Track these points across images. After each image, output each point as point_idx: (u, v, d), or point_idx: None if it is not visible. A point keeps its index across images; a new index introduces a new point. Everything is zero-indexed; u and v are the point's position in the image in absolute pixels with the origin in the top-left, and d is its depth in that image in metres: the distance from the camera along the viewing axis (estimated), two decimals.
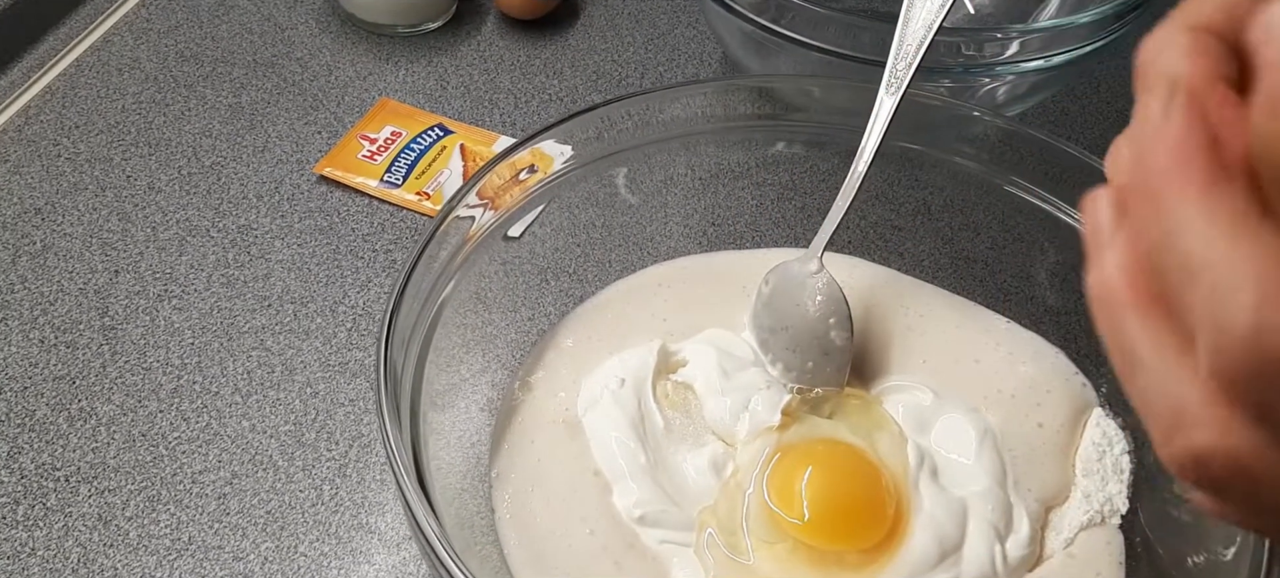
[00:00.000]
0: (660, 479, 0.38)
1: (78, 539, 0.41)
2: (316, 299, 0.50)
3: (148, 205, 0.53)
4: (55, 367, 0.46)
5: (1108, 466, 0.39)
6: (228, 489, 0.42)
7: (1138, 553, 0.37)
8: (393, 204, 0.54)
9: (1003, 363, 0.42)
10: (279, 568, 0.40)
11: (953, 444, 0.39)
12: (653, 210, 0.48)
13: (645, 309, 0.44)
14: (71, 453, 0.43)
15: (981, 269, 0.48)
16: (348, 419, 0.45)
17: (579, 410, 0.40)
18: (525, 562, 0.37)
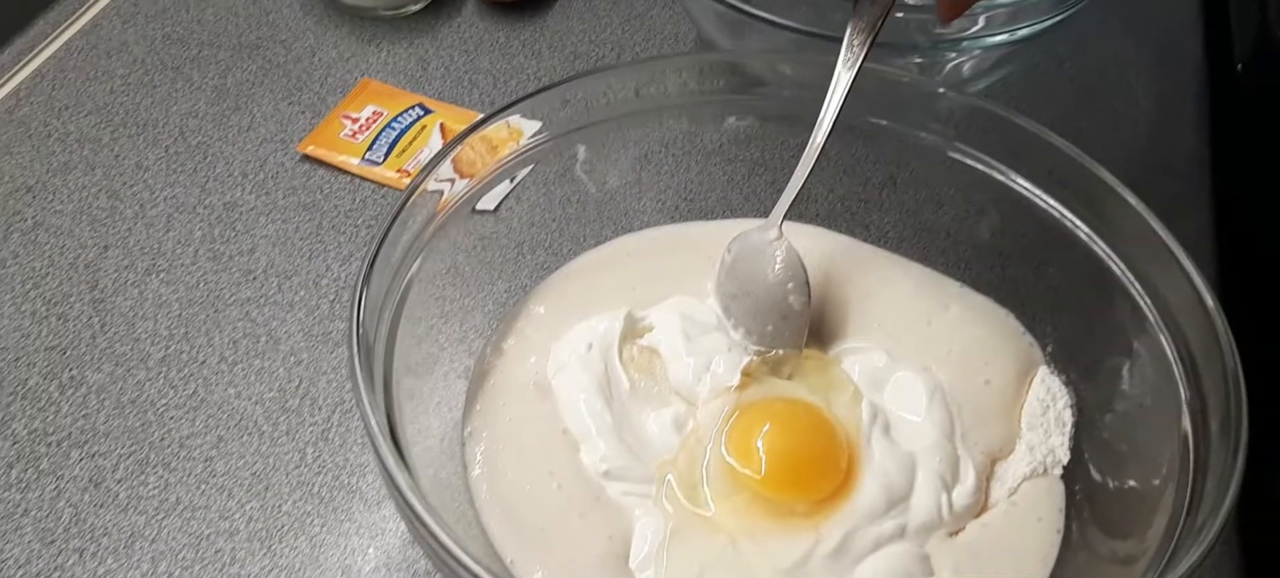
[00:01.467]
0: (624, 437, 0.39)
1: (69, 501, 0.42)
2: (300, 273, 0.51)
3: (136, 184, 0.55)
4: (47, 338, 0.48)
5: (1051, 419, 0.41)
6: (215, 453, 0.44)
7: (1077, 500, 0.39)
8: (374, 182, 0.56)
9: (953, 325, 0.44)
10: (263, 526, 0.42)
11: (904, 402, 0.41)
12: (623, 184, 0.50)
13: (614, 278, 0.46)
14: (63, 419, 0.45)
15: (944, 240, 0.50)
16: (330, 387, 0.47)
17: (549, 373, 0.42)
18: (497, 516, 0.38)
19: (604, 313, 0.43)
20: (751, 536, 0.37)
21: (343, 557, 0.41)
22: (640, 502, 0.38)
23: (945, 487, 0.38)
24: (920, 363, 0.42)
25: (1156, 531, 0.34)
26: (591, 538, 0.37)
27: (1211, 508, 0.32)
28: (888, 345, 0.43)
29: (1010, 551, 0.38)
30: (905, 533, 0.37)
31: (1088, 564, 0.37)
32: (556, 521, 0.38)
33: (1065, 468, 0.40)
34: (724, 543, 0.37)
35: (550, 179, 0.48)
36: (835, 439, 0.39)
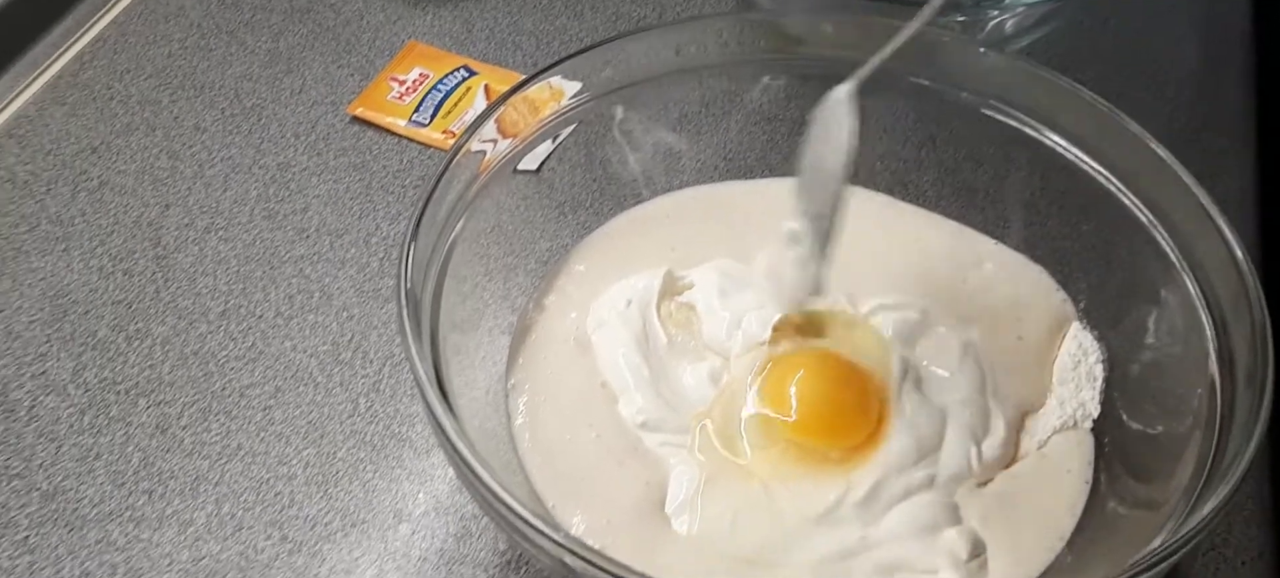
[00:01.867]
0: (661, 390, 0.41)
1: (138, 445, 0.45)
2: (351, 231, 0.53)
3: (194, 144, 0.57)
4: (113, 292, 0.50)
5: (1082, 374, 0.42)
6: (272, 402, 0.46)
7: (1106, 452, 0.40)
8: (420, 143, 0.57)
9: (988, 282, 0.45)
10: (319, 471, 0.44)
11: (937, 357, 0.42)
12: (663, 143, 0.51)
13: (653, 237, 0.47)
14: (130, 369, 0.47)
15: (981, 198, 0.50)
16: (381, 340, 0.49)
17: (589, 329, 0.43)
18: (539, 464, 0.40)
19: (643, 271, 0.45)
20: (783, 483, 0.38)
21: (394, 501, 0.43)
22: (676, 452, 0.39)
23: (975, 439, 0.39)
24: (954, 319, 0.43)
25: (1182, 478, 0.35)
26: (629, 485, 0.39)
27: (1236, 454, 0.33)
28: (922, 303, 0.44)
29: (1038, 501, 0.39)
30: (934, 483, 0.38)
31: (1115, 512, 0.38)
32: (595, 468, 0.40)
33: (1095, 421, 0.41)
34: (757, 490, 0.38)
35: (591, 139, 0.49)
36: (866, 388, 0.40)
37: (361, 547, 0.42)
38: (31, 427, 0.45)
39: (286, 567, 0.41)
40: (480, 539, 0.42)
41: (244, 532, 0.42)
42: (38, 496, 0.43)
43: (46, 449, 0.44)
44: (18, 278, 0.50)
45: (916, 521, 0.37)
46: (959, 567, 0.36)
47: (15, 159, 0.56)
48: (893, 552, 0.37)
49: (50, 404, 0.46)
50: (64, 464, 0.44)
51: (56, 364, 0.47)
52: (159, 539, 0.42)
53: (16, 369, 0.47)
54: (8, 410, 0.46)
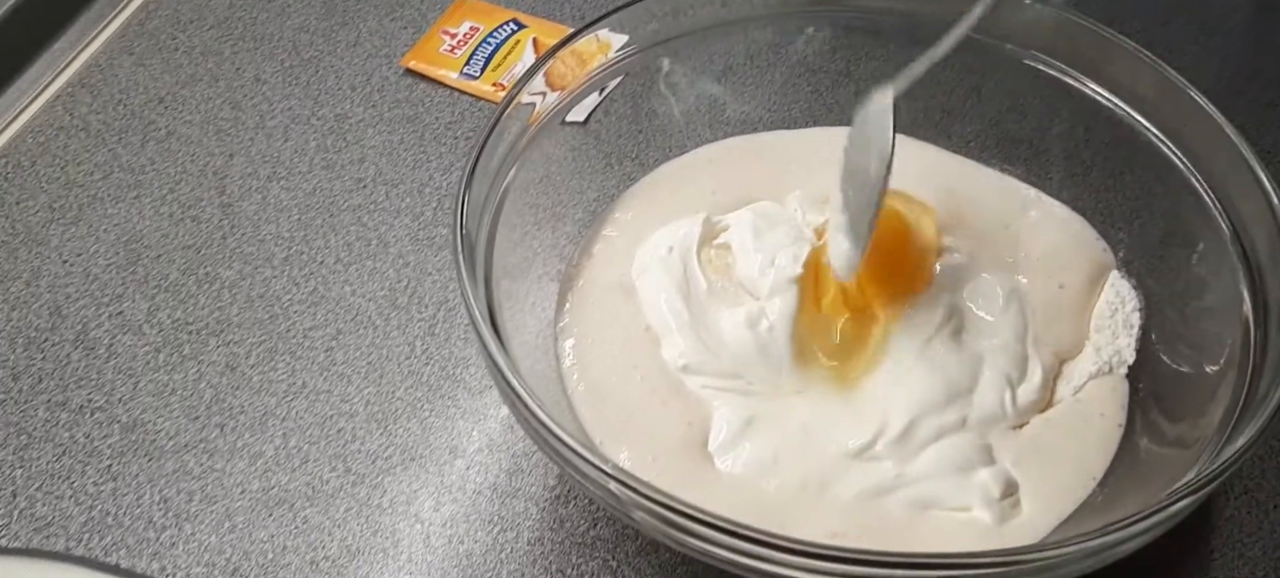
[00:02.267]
0: (701, 334, 0.42)
1: (209, 382, 0.47)
2: (405, 181, 0.55)
3: (255, 96, 0.59)
4: (183, 237, 0.53)
5: (1119, 322, 0.43)
6: (334, 344, 0.49)
7: (1141, 396, 0.41)
8: (471, 95, 0.59)
9: (1031, 230, 0.46)
10: (379, 409, 0.47)
11: (982, 301, 0.43)
12: (708, 95, 0.52)
13: (696, 184, 0.48)
14: (201, 310, 0.50)
15: (1025, 149, 0.50)
16: (435, 287, 0.51)
17: (633, 275, 0.45)
18: (587, 403, 0.42)
19: (685, 218, 0.46)
20: (822, 422, 0.40)
21: (450, 439, 0.46)
22: (717, 395, 0.41)
23: (1011, 384, 0.40)
24: (1000, 266, 0.44)
25: (1214, 417, 0.36)
26: (672, 424, 0.41)
27: (1267, 393, 0.34)
28: (969, 246, 0.45)
29: (1072, 444, 0.40)
30: (966, 424, 0.40)
31: (1147, 452, 0.39)
32: (640, 408, 0.41)
33: (1130, 368, 0.42)
34: (796, 429, 0.40)
35: (637, 91, 0.50)
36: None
37: (419, 480, 0.44)
38: (111, 364, 0.48)
39: (350, 497, 0.44)
40: (531, 475, 0.44)
41: (310, 464, 0.45)
42: (118, 427, 0.46)
43: (125, 385, 0.47)
44: (93, 224, 0.53)
45: (950, 460, 0.38)
46: (991, 505, 0.38)
47: (88, 108, 0.58)
48: (927, 489, 0.38)
49: (127, 343, 0.49)
50: (142, 399, 0.47)
51: (132, 305, 0.50)
52: (231, 469, 0.45)
53: (96, 310, 0.50)
54: (88, 348, 0.48)
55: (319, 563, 0.42)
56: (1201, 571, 0.41)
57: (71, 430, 0.46)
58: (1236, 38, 0.61)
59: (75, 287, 0.51)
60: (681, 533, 0.33)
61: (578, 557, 0.42)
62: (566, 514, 0.43)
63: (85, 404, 0.47)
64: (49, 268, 0.51)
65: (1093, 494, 0.38)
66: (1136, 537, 0.33)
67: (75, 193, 0.55)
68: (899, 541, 0.37)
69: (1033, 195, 0.48)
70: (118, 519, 0.43)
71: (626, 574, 0.42)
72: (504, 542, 0.43)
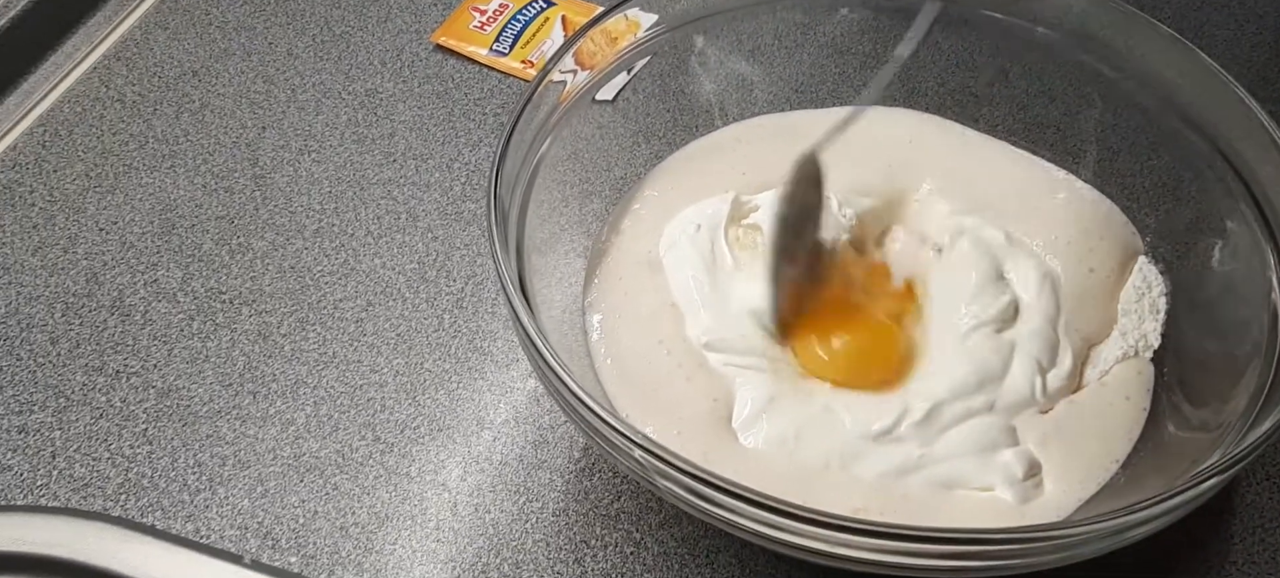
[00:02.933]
0: (725, 312, 0.43)
1: (242, 350, 0.48)
2: (435, 156, 0.56)
3: (287, 70, 0.60)
4: (216, 208, 0.54)
5: (1145, 306, 0.43)
6: (364, 315, 0.50)
7: (1166, 380, 0.41)
8: (500, 71, 0.59)
9: (1061, 212, 0.46)
10: (408, 380, 0.47)
11: (1017, 284, 0.43)
12: (736, 74, 0.52)
13: (724, 162, 0.49)
14: (234, 280, 0.51)
15: (1052, 133, 0.51)
16: (463, 260, 0.52)
17: (661, 251, 0.45)
18: (613, 376, 0.42)
19: (715, 197, 0.46)
20: (844, 403, 0.40)
21: (477, 410, 0.46)
22: (740, 372, 0.42)
23: (1041, 370, 0.40)
24: (1035, 247, 0.44)
25: (1239, 402, 0.36)
26: (696, 399, 0.41)
27: None
28: (1007, 225, 0.45)
29: (1096, 426, 0.40)
30: (994, 408, 0.40)
31: (1171, 436, 0.39)
32: (665, 382, 0.42)
33: (1155, 352, 0.42)
34: (819, 408, 0.40)
35: (666, 71, 0.50)
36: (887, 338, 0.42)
37: (447, 450, 0.45)
38: (146, 330, 0.49)
39: (379, 465, 0.45)
40: (556, 447, 0.45)
41: (340, 432, 0.46)
42: (154, 393, 0.47)
43: (160, 351, 0.48)
44: (130, 193, 0.54)
45: (974, 441, 0.39)
46: (1014, 485, 0.38)
47: (124, 80, 0.59)
48: (950, 469, 0.38)
49: (162, 310, 0.50)
50: (176, 365, 0.48)
51: (166, 273, 0.51)
52: (263, 436, 0.45)
53: (131, 277, 0.51)
54: (124, 315, 0.49)
55: (348, 528, 0.43)
56: (1222, 555, 0.41)
57: (108, 394, 0.47)
58: (1270, 24, 0.60)
59: (111, 254, 0.52)
60: (705, 502, 0.33)
61: (601, 528, 0.43)
62: (591, 486, 0.44)
63: (122, 369, 0.48)
64: (86, 235, 0.52)
65: (1115, 476, 0.38)
66: (1157, 518, 0.33)
67: (111, 162, 0.55)
68: (921, 518, 0.37)
69: (1062, 178, 0.48)
70: (153, 482, 0.44)
71: (649, 546, 0.42)
72: (529, 512, 0.43)
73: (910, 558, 0.32)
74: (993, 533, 0.32)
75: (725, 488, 0.32)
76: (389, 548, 0.42)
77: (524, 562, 0.42)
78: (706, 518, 0.34)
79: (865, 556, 0.32)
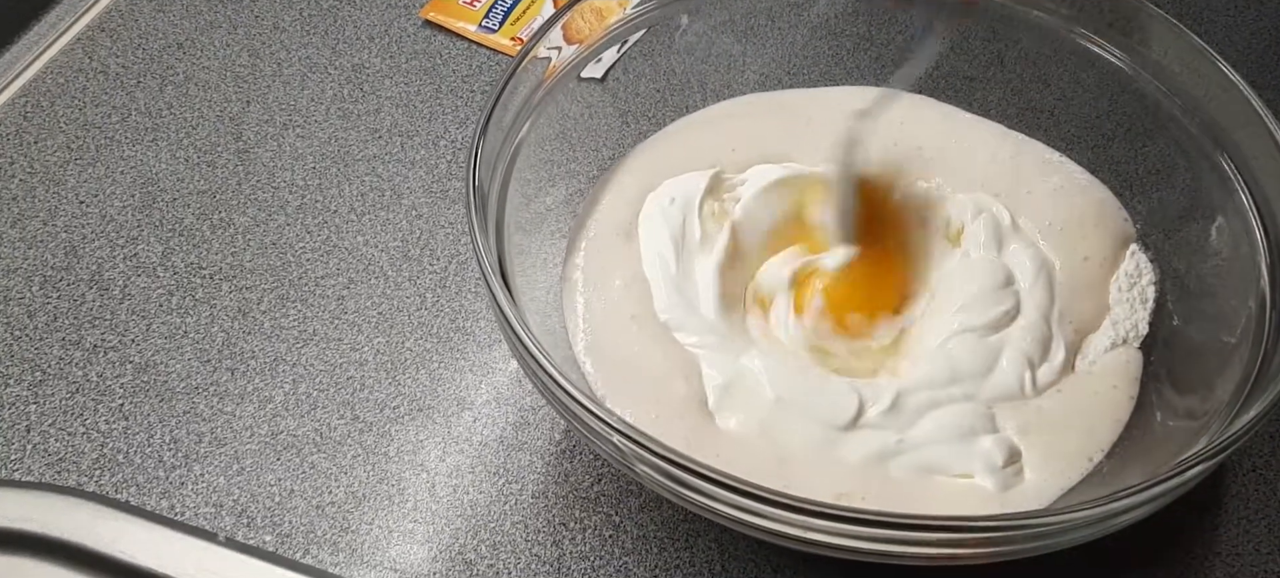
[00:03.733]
0: (685, 288, 0.42)
1: (221, 326, 0.48)
2: (420, 133, 0.55)
3: (273, 44, 0.59)
4: (198, 182, 0.53)
5: (1135, 295, 0.42)
6: (346, 293, 0.49)
7: (1153, 369, 0.41)
8: (489, 48, 0.59)
9: (1055, 196, 0.45)
10: (389, 359, 0.47)
11: (1017, 275, 0.43)
12: (727, 53, 0.51)
13: (713, 138, 0.48)
14: (214, 255, 0.50)
15: (1047, 118, 0.50)
16: (447, 239, 0.51)
17: (639, 223, 0.45)
18: (592, 357, 0.42)
19: (697, 172, 0.46)
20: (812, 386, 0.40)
21: (458, 390, 0.46)
22: (699, 351, 0.41)
23: (1031, 366, 0.40)
24: (1034, 231, 0.43)
25: (1226, 390, 0.36)
26: (670, 381, 0.40)
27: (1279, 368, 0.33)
28: (1011, 206, 0.44)
29: (1081, 415, 0.39)
30: (975, 398, 0.39)
31: (1158, 425, 0.39)
32: (639, 362, 0.41)
33: (1143, 340, 0.41)
34: (785, 391, 0.39)
35: (655, 48, 0.50)
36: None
37: (427, 430, 0.45)
38: (124, 305, 0.48)
39: (357, 444, 0.44)
40: (537, 429, 0.45)
41: (319, 411, 0.45)
42: (131, 368, 0.46)
43: (138, 326, 0.48)
44: (111, 166, 0.53)
45: (953, 427, 0.38)
46: (994, 473, 0.37)
47: (107, 52, 0.58)
48: (929, 455, 0.38)
49: (141, 284, 0.49)
50: (154, 340, 0.47)
51: (146, 248, 0.50)
52: (241, 413, 0.45)
53: (110, 251, 0.50)
54: (103, 288, 0.49)
55: (324, 508, 0.42)
56: (1206, 545, 0.41)
57: (85, 369, 0.46)
58: (1269, 11, 0.59)
59: (91, 227, 0.51)
60: (684, 489, 0.33)
61: (581, 511, 0.42)
62: (571, 469, 0.44)
63: (99, 344, 0.47)
64: (65, 208, 0.52)
65: (1099, 465, 0.38)
66: (1140, 507, 0.32)
67: (93, 135, 0.55)
68: (902, 504, 0.37)
69: (1056, 161, 0.47)
70: (128, 457, 0.44)
71: (629, 529, 0.42)
72: (508, 494, 0.43)
73: (888, 545, 0.32)
74: (973, 521, 0.32)
75: (704, 475, 0.32)
76: (365, 528, 0.42)
77: (502, 544, 0.42)
78: (686, 505, 0.34)
79: (842, 542, 0.32)
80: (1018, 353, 0.40)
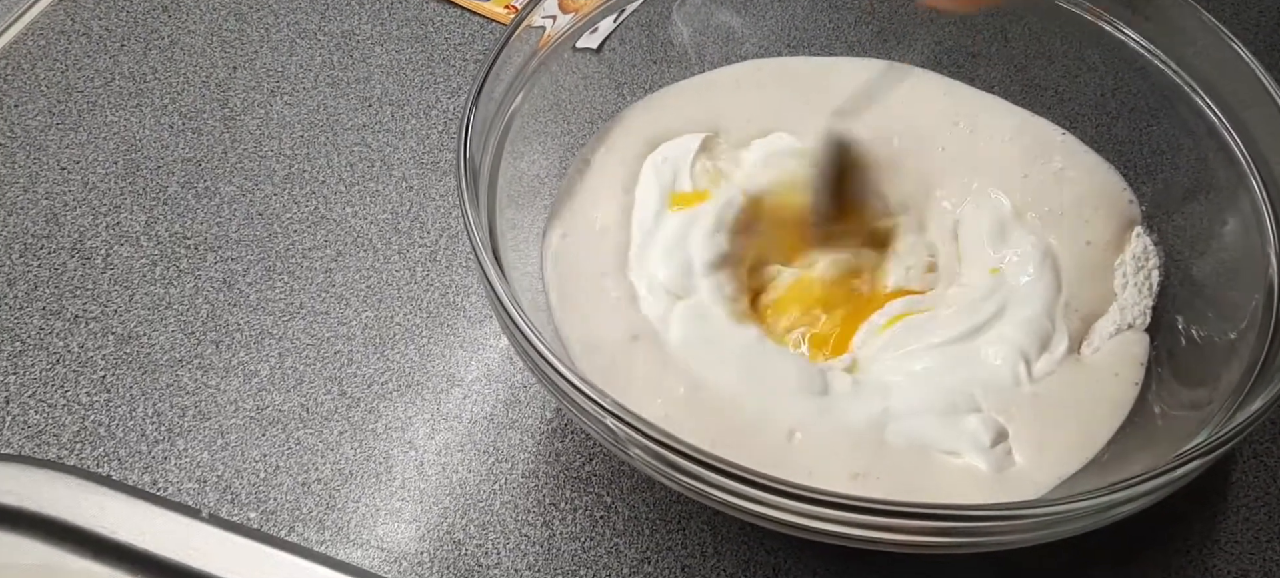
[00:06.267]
0: (652, 249, 0.42)
1: (206, 298, 0.47)
2: (411, 102, 0.54)
3: (261, 8, 0.58)
4: (183, 150, 0.52)
5: (1140, 279, 0.41)
6: (334, 265, 0.48)
7: (1156, 357, 0.40)
8: (483, 16, 0.57)
9: (1057, 178, 0.44)
10: (377, 334, 0.46)
11: (1017, 263, 0.41)
12: (724, 23, 0.50)
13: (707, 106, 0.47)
14: (199, 225, 0.49)
15: (1050, 96, 0.49)
16: (438, 212, 0.50)
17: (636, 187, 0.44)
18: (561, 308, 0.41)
19: (691, 134, 0.45)
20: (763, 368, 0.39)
21: (448, 367, 0.45)
22: (668, 314, 0.40)
23: (1025, 359, 0.39)
24: (1035, 217, 0.42)
25: (1231, 379, 0.35)
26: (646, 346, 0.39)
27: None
28: (1014, 190, 0.43)
29: (1083, 402, 0.38)
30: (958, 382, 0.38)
31: (1160, 414, 0.38)
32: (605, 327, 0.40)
33: (1148, 326, 0.41)
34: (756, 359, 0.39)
35: (652, 18, 0.48)
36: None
37: (415, 407, 0.44)
38: (107, 274, 0.47)
39: (344, 421, 0.43)
40: (528, 407, 0.44)
41: (305, 385, 0.44)
42: (113, 339, 0.45)
43: (121, 296, 0.47)
44: (94, 131, 0.52)
45: (932, 402, 0.37)
46: (982, 452, 0.37)
47: (91, 13, 0.57)
48: (917, 426, 0.37)
49: (124, 254, 0.48)
50: (137, 311, 0.46)
51: (130, 216, 0.49)
52: (225, 387, 0.44)
53: (93, 219, 0.49)
54: (85, 258, 0.48)
55: (310, 485, 0.42)
56: (1207, 534, 0.40)
57: (66, 339, 0.45)
58: None
59: (73, 194, 0.50)
60: (677, 472, 0.32)
61: (571, 491, 0.42)
62: (562, 448, 0.43)
63: (80, 314, 0.46)
64: (46, 174, 0.51)
65: (1100, 453, 0.37)
66: (1141, 497, 0.32)
67: (75, 99, 0.53)
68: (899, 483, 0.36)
69: (1060, 139, 0.46)
70: (110, 431, 0.43)
71: (620, 511, 0.41)
72: (498, 473, 0.42)
73: (884, 533, 0.31)
74: (969, 510, 0.31)
75: (699, 459, 0.31)
76: (352, 505, 0.41)
77: (491, 523, 0.41)
78: (680, 489, 0.33)
79: (838, 529, 0.31)
80: (1011, 349, 0.39)
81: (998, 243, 0.43)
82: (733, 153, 0.45)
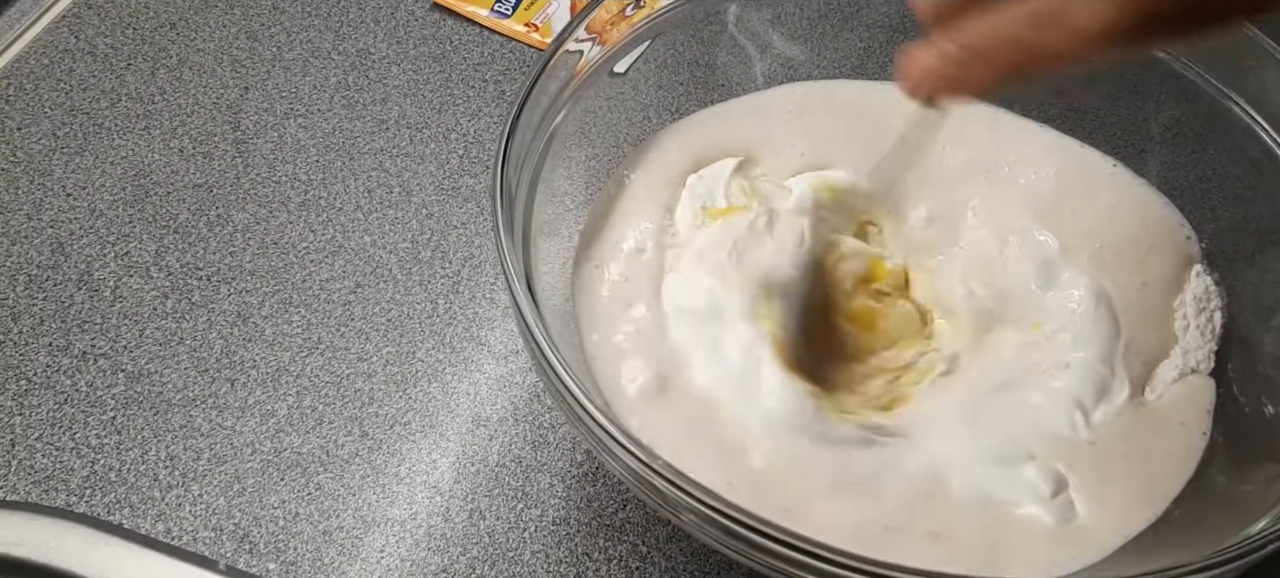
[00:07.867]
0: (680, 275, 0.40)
1: (220, 333, 0.45)
2: (430, 125, 0.52)
3: (273, 26, 0.56)
4: (194, 175, 0.50)
5: (1203, 322, 0.39)
6: (352, 297, 0.46)
7: (1228, 403, 0.38)
8: (502, 34, 0.55)
9: (1107, 214, 0.42)
10: (399, 371, 0.44)
11: (1065, 305, 0.39)
12: (758, 46, 0.48)
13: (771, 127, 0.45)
14: (211, 255, 0.47)
15: (1092, 121, 0.47)
16: (460, 240, 0.48)
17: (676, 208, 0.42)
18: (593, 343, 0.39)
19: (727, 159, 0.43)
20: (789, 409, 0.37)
21: (474, 406, 0.43)
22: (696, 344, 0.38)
23: (1083, 409, 0.37)
24: (1085, 257, 0.40)
25: None
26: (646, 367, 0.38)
27: None
28: (1059, 230, 0.41)
29: (1145, 456, 0.37)
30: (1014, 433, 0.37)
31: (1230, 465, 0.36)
32: None
33: (1213, 371, 0.39)
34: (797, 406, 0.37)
35: (684, 41, 0.47)
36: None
37: (440, 449, 0.42)
38: (116, 308, 0.45)
39: (366, 464, 0.41)
40: (557, 449, 0.42)
41: (325, 426, 0.42)
42: (123, 377, 0.43)
43: (131, 332, 0.45)
44: (100, 155, 0.50)
45: (987, 451, 0.36)
46: (1043, 502, 0.35)
47: (95, 31, 0.55)
48: (975, 475, 0.35)
49: (134, 286, 0.46)
50: (148, 348, 0.44)
51: (139, 246, 0.47)
52: (241, 428, 0.42)
53: (101, 249, 0.47)
54: (92, 290, 0.46)
55: (332, 533, 0.40)
56: None
57: (73, 378, 0.43)
58: None
59: (79, 222, 0.48)
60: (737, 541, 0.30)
61: (604, 539, 0.40)
62: (594, 493, 0.41)
63: (88, 350, 0.44)
64: (52, 201, 0.49)
65: (1169, 509, 0.35)
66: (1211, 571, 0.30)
67: (80, 121, 0.51)
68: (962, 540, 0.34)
69: (1109, 171, 0.44)
70: (121, 476, 0.41)
71: (656, 561, 0.39)
72: (527, 519, 0.40)
73: None
74: None
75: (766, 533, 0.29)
76: (376, 555, 0.39)
77: (521, 574, 0.39)
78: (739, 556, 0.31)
79: None
80: (1067, 400, 0.37)
81: (1044, 286, 0.41)
82: (772, 178, 0.43)
